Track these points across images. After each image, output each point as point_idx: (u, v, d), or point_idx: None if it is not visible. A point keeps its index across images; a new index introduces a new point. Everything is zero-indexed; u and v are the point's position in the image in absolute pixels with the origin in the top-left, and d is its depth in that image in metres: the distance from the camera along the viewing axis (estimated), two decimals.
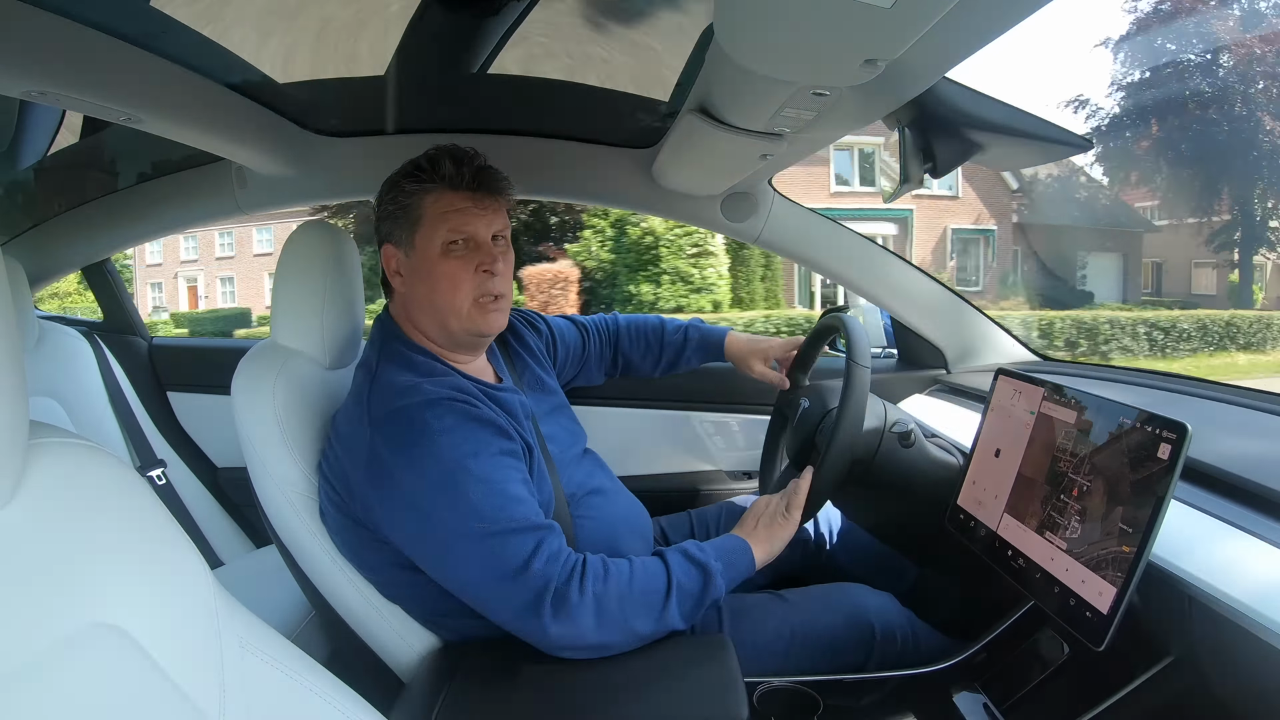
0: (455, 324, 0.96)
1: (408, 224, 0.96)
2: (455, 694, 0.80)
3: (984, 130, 1.05)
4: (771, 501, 1.04)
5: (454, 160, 0.95)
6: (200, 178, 1.51)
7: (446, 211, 0.95)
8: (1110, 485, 0.75)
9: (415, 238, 0.95)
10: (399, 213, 0.96)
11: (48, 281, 1.77)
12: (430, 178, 0.95)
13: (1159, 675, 0.73)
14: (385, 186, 0.99)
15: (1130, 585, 0.68)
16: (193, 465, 1.73)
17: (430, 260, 0.95)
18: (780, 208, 1.46)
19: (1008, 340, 1.57)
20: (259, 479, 0.95)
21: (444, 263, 0.95)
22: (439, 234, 0.94)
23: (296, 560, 0.95)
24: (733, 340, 1.34)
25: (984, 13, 0.62)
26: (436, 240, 0.94)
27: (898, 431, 1.08)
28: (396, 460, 0.84)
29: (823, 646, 0.98)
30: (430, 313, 0.97)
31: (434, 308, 0.96)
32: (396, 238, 0.97)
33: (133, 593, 0.49)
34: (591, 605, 0.83)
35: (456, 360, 1.00)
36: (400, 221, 0.96)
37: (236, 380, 0.98)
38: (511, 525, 0.83)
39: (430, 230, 0.95)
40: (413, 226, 0.95)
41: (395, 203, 0.97)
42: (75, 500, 0.49)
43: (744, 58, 0.70)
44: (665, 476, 1.66)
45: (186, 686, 0.49)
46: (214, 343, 2.35)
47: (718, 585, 0.91)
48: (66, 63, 0.85)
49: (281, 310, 1.05)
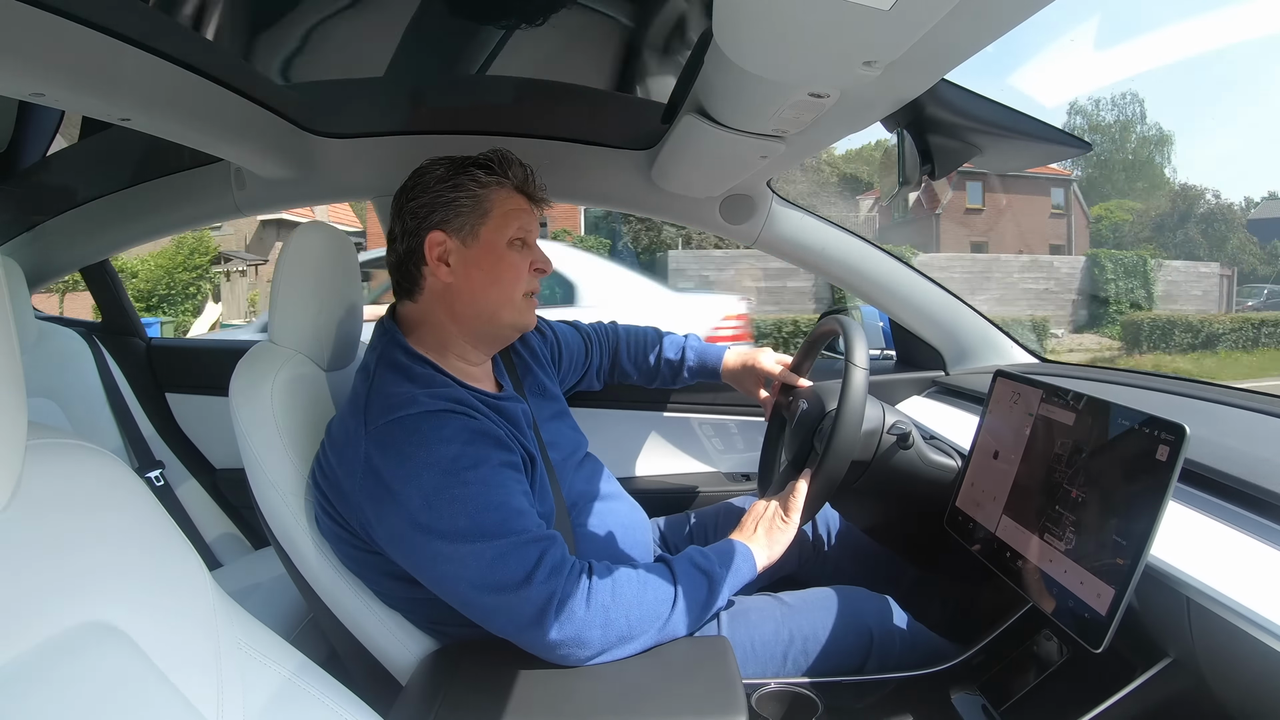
0: (508, 314, 0.99)
1: (475, 214, 0.96)
2: (453, 696, 0.80)
3: (982, 132, 1.05)
4: (770, 504, 1.04)
5: (520, 165, 1.00)
6: (199, 178, 1.51)
7: (516, 210, 0.99)
8: (1109, 487, 0.76)
9: (480, 229, 0.96)
10: (466, 201, 0.96)
11: (47, 282, 1.77)
12: (501, 174, 0.98)
13: (1157, 677, 0.73)
14: (445, 173, 0.97)
15: (1129, 587, 0.68)
16: (191, 466, 1.73)
17: (496, 253, 0.97)
18: (779, 210, 1.46)
19: (1006, 342, 1.57)
20: (256, 480, 0.95)
21: (510, 255, 0.98)
22: (509, 229, 0.97)
23: (294, 562, 0.94)
24: (728, 361, 1.35)
25: (983, 14, 0.62)
26: (505, 235, 0.97)
27: (896, 433, 1.08)
28: (393, 472, 0.83)
29: (821, 649, 0.98)
30: (483, 302, 0.97)
31: (489, 298, 0.97)
32: (455, 225, 0.96)
33: (130, 593, 0.49)
34: (598, 619, 0.82)
35: (462, 365, 1.00)
36: (465, 210, 0.96)
37: (234, 381, 0.98)
38: (512, 538, 0.82)
39: (500, 224, 0.97)
40: (480, 217, 0.96)
41: (462, 190, 0.96)
42: (73, 501, 0.49)
43: (743, 59, 0.70)
44: (664, 478, 1.66)
45: (184, 686, 0.49)
46: (212, 343, 2.35)
47: (721, 594, 0.92)
48: (66, 63, 0.84)
49: (280, 311, 1.05)
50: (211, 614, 0.56)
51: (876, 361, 1.70)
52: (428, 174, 0.98)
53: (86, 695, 0.43)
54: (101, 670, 0.44)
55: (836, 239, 1.49)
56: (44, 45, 0.80)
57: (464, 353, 1.00)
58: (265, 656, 0.59)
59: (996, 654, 0.94)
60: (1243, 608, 0.61)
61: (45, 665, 0.42)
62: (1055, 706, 0.81)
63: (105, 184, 1.59)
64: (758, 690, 0.88)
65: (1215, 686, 0.69)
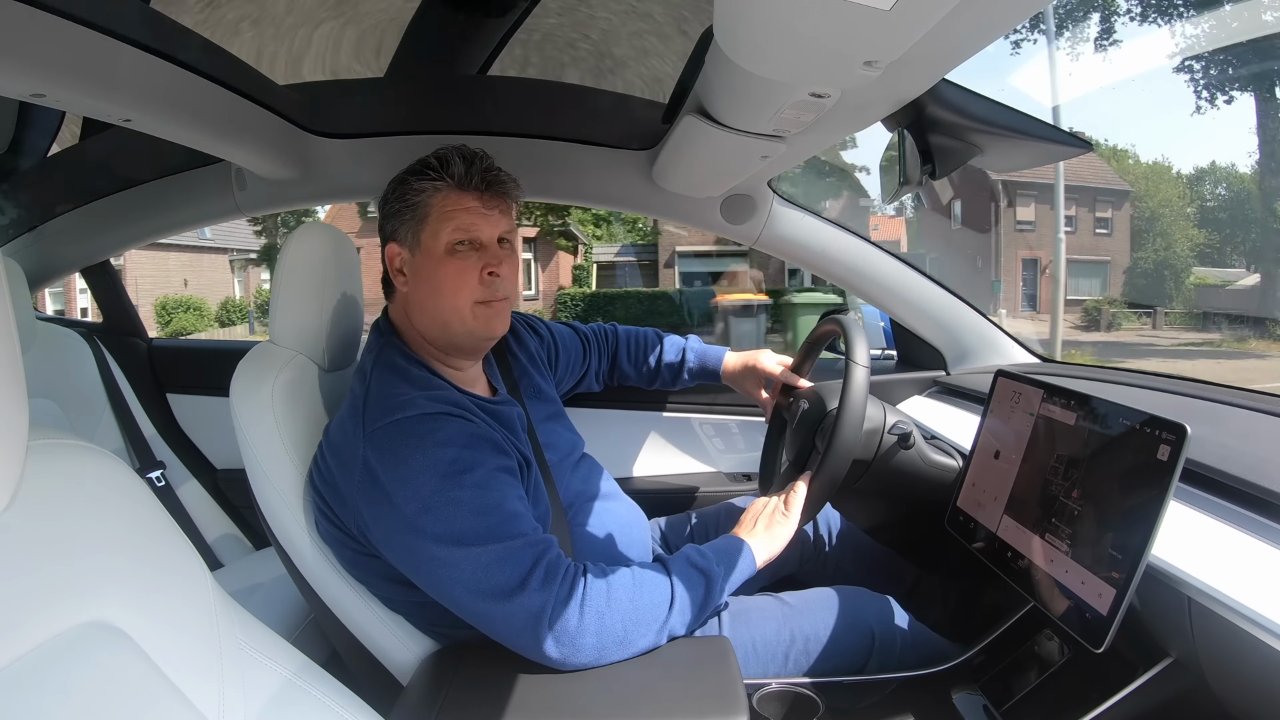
0: (457, 325, 0.95)
1: (414, 222, 0.95)
2: (454, 696, 0.80)
3: (983, 132, 1.05)
4: (770, 501, 1.04)
5: (464, 160, 0.95)
6: (200, 179, 1.51)
7: (454, 210, 0.94)
8: (1110, 487, 0.75)
9: (421, 236, 0.95)
10: (405, 210, 0.95)
11: (48, 282, 1.77)
12: (439, 176, 0.94)
13: (1158, 676, 0.73)
14: (392, 184, 0.98)
15: (1130, 587, 0.68)
16: (192, 467, 1.73)
17: (435, 259, 0.94)
18: (779, 209, 1.46)
19: (1007, 342, 1.57)
20: (257, 481, 0.95)
21: (449, 262, 0.94)
22: (445, 233, 0.93)
23: (294, 562, 0.94)
24: (729, 363, 1.35)
25: (983, 14, 0.62)
26: (442, 239, 0.93)
27: (897, 433, 1.08)
28: (390, 475, 0.82)
29: (822, 649, 0.98)
30: (431, 314, 0.96)
31: (436, 309, 0.95)
32: (401, 235, 0.97)
33: (132, 594, 0.49)
34: (593, 626, 0.82)
35: (452, 370, 0.99)
36: (406, 219, 0.96)
37: (235, 382, 0.98)
38: (508, 543, 0.82)
39: (436, 228, 0.94)
40: (418, 224, 0.95)
41: (402, 200, 0.96)
42: (74, 502, 0.49)
43: (744, 59, 0.70)
44: (665, 478, 1.66)
45: (185, 686, 0.49)
46: (213, 344, 2.35)
47: (720, 592, 0.91)
48: (66, 64, 0.84)
49: (281, 312, 1.05)
50: (213, 614, 0.56)
51: (877, 361, 1.69)
52: (393, 181, 0.99)
53: (88, 695, 0.43)
54: (103, 671, 0.44)
55: (837, 239, 1.49)
56: (45, 46, 0.80)
57: (445, 359, 1.00)
58: (266, 656, 0.60)
59: (998, 654, 0.94)
60: (1244, 608, 0.61)
61: (47, 666, 0.42)
62: (1056, 706, 0.81)
63: (106, 184, 1.59)
64: (759, 690, 0.88)
65: (1216, 686, 0.69)
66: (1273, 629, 0.59)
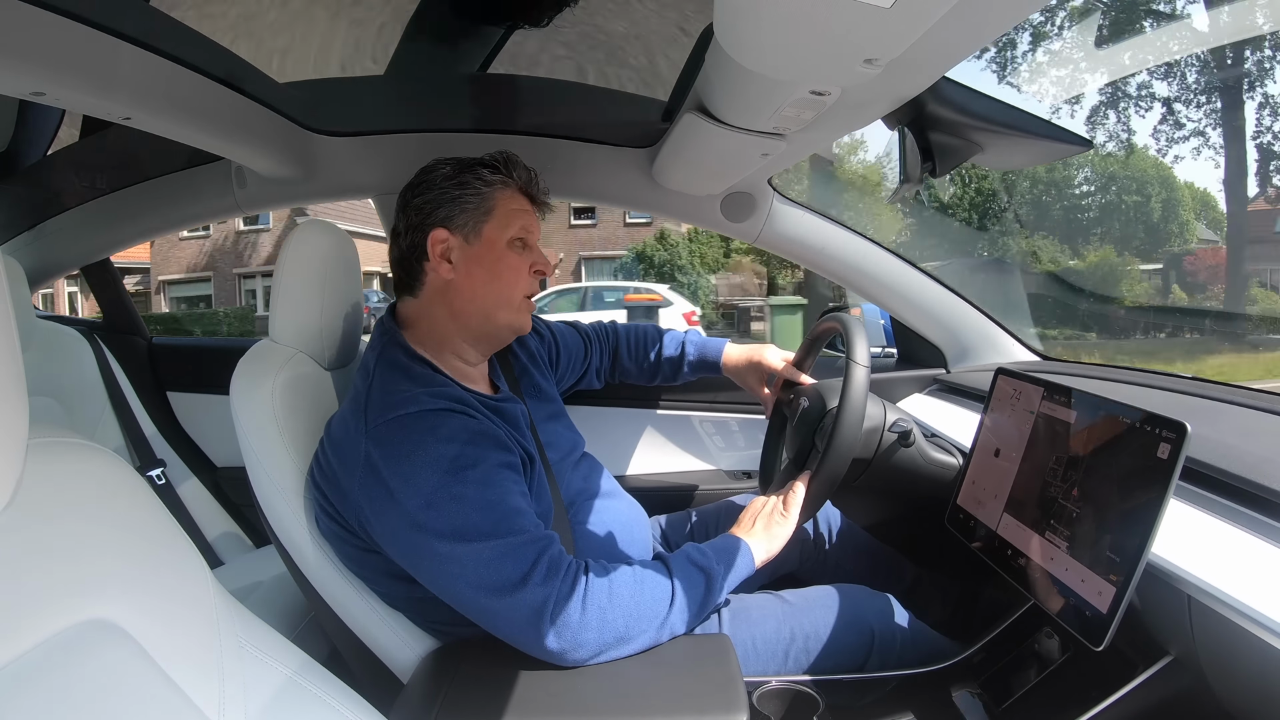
0: (503, 315, 0.99)
1: (479, 212, 0.97)
2: (455, 695, 0.80)
3: (984, 129, 1.05)
4: (769, 501, 1.04)
5: (525, 167, 1.01)
6: (200, 177, 1.51)
7: (519, 210, 1.00)
8: (1110, 485, 0.75)
9: (483, 227, 0.97)
10: (470, 199, 0.97)
11: (48, 281, 1.77)
12: (506, 174, 0.99)
13: (1158, 675, 0.73)
14: (451, 171, 0.99)
15: (1130, 585, 0.68)
16: (192, 465, 1.73)
17: (497, 251, 0.98)
18: (780, 207, 1.46)
19: (1007, 339, 1.57)
20: (257, 479, 0.95)
21: (510, 255, 0.98)
22: (510, 229, 0.98)
23: (294, 560, 0.94)
24: (729, 355, 1.35)
25: (983, 12, 0.62)
26: (507, 234, 0.98)
27: (897, 431, 1.08)
28: (392, 471, 0.82)
29: (822, 646, 0.98)
30: (480, 300, 0.98)
31: (487, 296, 0.98)
32: (458, 223, 0.97)
33: (132, 592, 0.49)
34: (595, 622, 0.82)
35: (455, 368, 1.00)
36: (469, 208, 0.97)
37: (235, 380, 0.98)
38: (510, 539, 0.82)
39: (502, 223, 0.98)
40: (484, 216, 0.97)
41: (468, 187, 0.97)
42: (75, 500, 0.49)
43: (744, 57, 0.70)
44: (665, 476, 1.66)
45: (185, 685, 0.49)
46: (214, 342, 2.35)
47: (720, 590, 0.92)
48: (66, 63, 0.84)
49: (281, 310, 1.05)
50: (213, 612, 0.56)
51: (878, 359, 1.69)
52: (434, 172, 0.99)
53: (88, 694, 0.43)
54: (103, 669, 0.44)
55: (837, 236, 1.49)
56: (45, 45, 0.80)
57: (461, 351, 1.00)
58: (267, 655, 0.60)
59: (997, 652, 0.94)
60: (1244, 606, 0.61)
61: (47, 664, 0.42)
62: (1056, 704, 0.81)
63: (106, 182, 1.59)
64: (759, 688, 0.88)
65: (1216, 685, 0.69)
66: (1272, 627, 0.59)
